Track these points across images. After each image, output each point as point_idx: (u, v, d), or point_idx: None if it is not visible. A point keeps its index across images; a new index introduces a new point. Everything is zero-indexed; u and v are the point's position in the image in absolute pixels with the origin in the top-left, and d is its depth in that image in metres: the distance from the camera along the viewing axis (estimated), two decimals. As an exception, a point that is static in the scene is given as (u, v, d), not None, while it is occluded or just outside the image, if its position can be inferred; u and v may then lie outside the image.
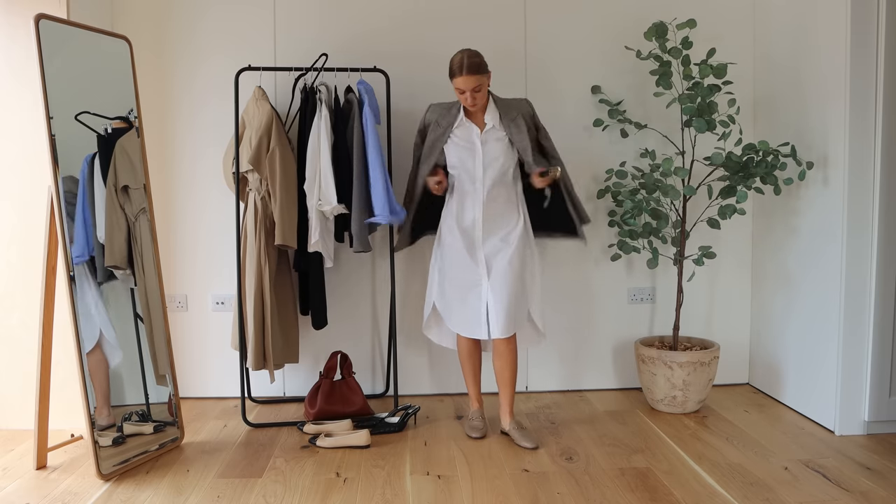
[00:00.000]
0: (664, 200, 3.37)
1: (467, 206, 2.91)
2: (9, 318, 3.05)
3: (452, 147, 2.91)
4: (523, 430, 2.92)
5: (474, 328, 2.88)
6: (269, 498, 2.41)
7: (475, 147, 2.88)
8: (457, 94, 2.84)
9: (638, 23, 3.45)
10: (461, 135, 2.90)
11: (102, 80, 2.76)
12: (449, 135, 2.91)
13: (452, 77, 2.80)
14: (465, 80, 2.76)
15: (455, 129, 2.91)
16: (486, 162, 2.86)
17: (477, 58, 2.78)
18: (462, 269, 2.89)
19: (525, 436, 2.88)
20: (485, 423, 3.00)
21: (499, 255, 2.86)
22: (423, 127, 3.00)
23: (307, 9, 3.40)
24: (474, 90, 2.78)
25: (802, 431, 2.98)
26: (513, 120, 2.90)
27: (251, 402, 3.42)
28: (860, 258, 2.87)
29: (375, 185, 2.95)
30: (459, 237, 2.90)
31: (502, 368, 2.95)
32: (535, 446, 2.83)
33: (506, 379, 2.96)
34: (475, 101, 2.81)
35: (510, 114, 2.91)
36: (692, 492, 2.42)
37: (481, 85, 2.78)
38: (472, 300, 2.87)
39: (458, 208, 2.92)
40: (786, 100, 3.30)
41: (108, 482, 2.54)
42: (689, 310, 3.59)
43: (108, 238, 2.67)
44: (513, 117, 2.90)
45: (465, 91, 2.78)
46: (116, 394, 2.67)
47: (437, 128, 2.92)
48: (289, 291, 3.19)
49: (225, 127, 3.37)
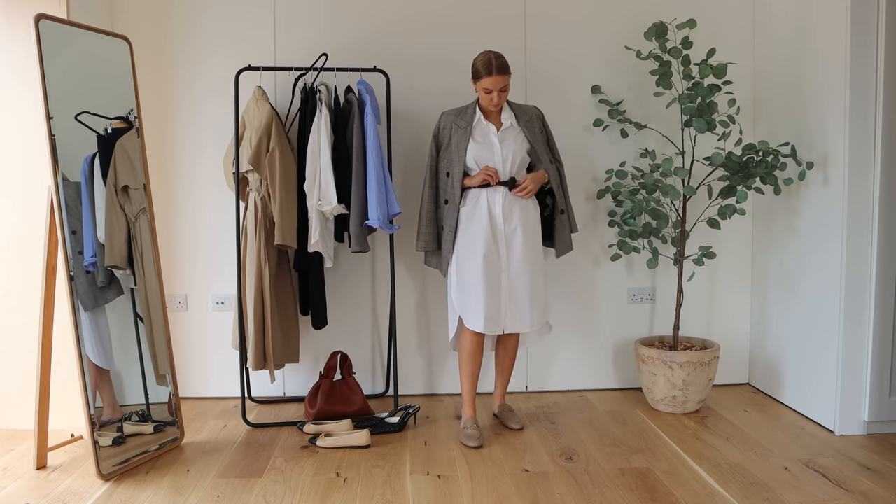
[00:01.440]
0: (664, 200, 3.37)
1: (486, 203, 2.90)
2: (9, 318, 3.05)
3: (472, 145, 2.92)
4: (511, 413, 3.12)
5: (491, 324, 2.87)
6: (269, 498, 2.41)
7: (493, 145, 2.91)
8: (481, 95, 2.87)
9: (638, 23, 3.45)
10: (479, 133, 2.94)
11: (102, 80, 2.76)
12: (471, 133, 2.93)
13: (479, 77, 2.84)
14: (494, 81, 2.81)
15: (473, 127, 2.94)
16: (504, 157, 2.90)
17: (503, 58, 2.84)
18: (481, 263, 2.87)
19: (512, 418, 3.09)
20: (480, 431, 2.94)
21: (518, 251, 2.89)
22: (437, 132, 3.01)
23: (307, 9, 3.40)
24: (501, 90, 2.84)
25: (802, 431, 2.98)
26: (528, 120, 2.97)
27: (251, 402, 3.42)
28: (860, 258, 2.87)
29: (371, 192, 2.95)
30: (478, 234, 2.89)
31: (505, 355, 3.14)
32: (521, 427, 3.06)
33: (506, 365, 3.16)
34: (500, 100, 2.86)
35: (525, 115, 2.98)
36: (692, 492, 2.42)
37: (507, 84, 2.85)
38: (492, 293, 2.87)
39: (475, 206, 2.91)
40: (786, 100, 3.30)
41: (108, 482, 2.54)
42: (689, 310, 3.59)
43: (108, 238, 2.67)
44: (528, 118, 2.98)
45: (493, 91, 2.83)
46: (117, 394, 2.67)
47: (458, 129, 2.95)
48: (289, 291, 3.19)
49: (225, 127, 3.37)
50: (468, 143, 2.91)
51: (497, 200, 2.90)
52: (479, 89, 2.87)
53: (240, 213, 3.12)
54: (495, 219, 2.89)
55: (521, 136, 2.94)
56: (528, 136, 2.94)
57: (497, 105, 2.87)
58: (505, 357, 3.13)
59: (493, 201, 2.90)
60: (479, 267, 2.86)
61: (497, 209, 2.90)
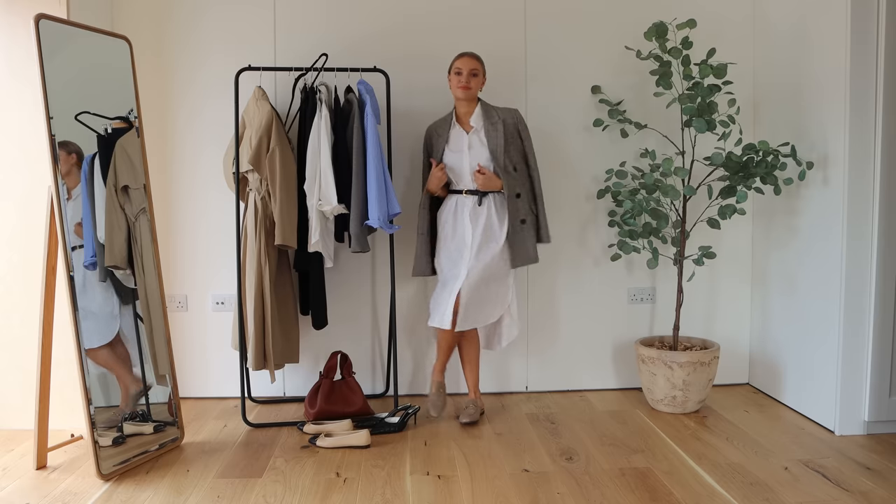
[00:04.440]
0: (664, 200, 3.37)
1: (459, 206, 3.08)
2: (9, 318, 3.05)
3: (447, 153, 3.08)
4: (468, 409, 3.12)
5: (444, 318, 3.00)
6: (269, 498, 2.41)
7: (462, 151, 3.05)
8: (452, 80, 3.03)
9: (638, 23, 3.45)
10: (453, 140, 3.09)
11: (102, 80, 2.76)
12: (447, 138, 3.09)
13: (453, 63, 3.04)
14: (463, 61, 3.02)
15: (449, 134, 3.09)
16: (472, 164, 3.03)
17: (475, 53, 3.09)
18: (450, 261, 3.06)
19: (464, 412, 3.12)
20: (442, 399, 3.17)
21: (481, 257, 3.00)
22: (424, 145, 3.20)
23: (307, 9, 3.40)
24: (471, 72, 3.00)
25: (802, 431, 2.98)
26: (493, 124, 3.06)
27: (251, 402, 3.42)
28: (860, 258, 2.87)
29: (371, 192, 2.96)
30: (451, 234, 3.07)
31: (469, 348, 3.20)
32: (470, 420, 3.08)
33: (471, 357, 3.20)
34: (469, 84, 3.00)
35: (492, 118, 3.07)
36: (692, 492, 2.42)
37: (477, 70, 3.02)
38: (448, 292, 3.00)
39: (451, 209, 3.09)
40: (786, 100, 3.30)
41: (108, 482, 2.54)
42: (689, 310, 3.59)
43: (108, 238, 2.67)
44: (493, 121, 3.06)
45: (463, 71, 3.00)
46: (117, 393, 2.67)
47: (438, 138, 3.12)
48: (289, 291, 3.19)
49: (225, 127, 3.37)
50: (443, 152, 3.08)
51: (466, 206, 3.05)
52: (452, 77, 3.03)
53: (240, 213, 3.12)
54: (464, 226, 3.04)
55: (489, 140, 3.05)
56: (488, 140, 3.03)
57: (466, 88, 2.99)
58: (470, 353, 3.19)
59: (463, 208, 3.06)
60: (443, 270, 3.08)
61: (465, 216, 3.04)
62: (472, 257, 2.99)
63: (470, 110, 3.08)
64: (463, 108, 3.09)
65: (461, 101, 3.06)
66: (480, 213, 3.04)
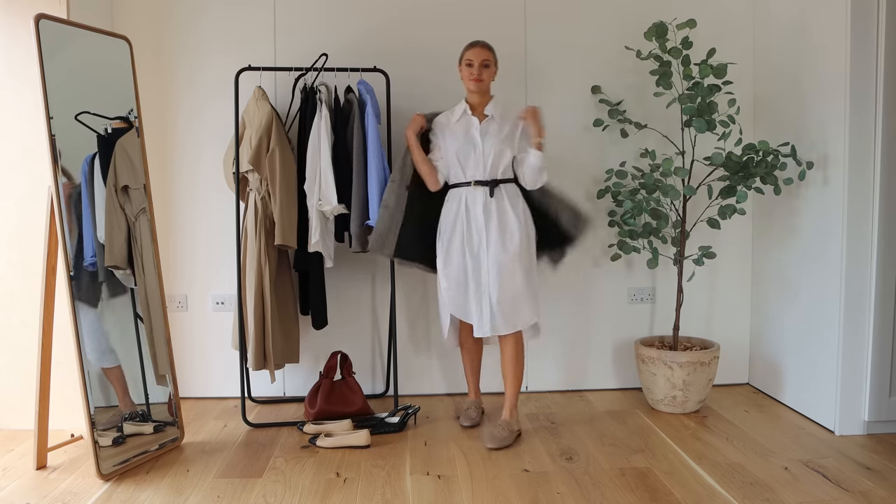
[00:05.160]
0: (664, 200, 3.37)
1: (469, 201, 2.89)
2: (9, 318, 3.05)
3: (452, 140, 2.92)
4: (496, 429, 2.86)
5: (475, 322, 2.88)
6: (269, 498, 2.41)
7: (475, 139, 2.90)
8: (464, 71, 2.92)
9: (638, 23, 3.45)
10: (461, 128, 2.93)
11: (102, 80, 2.76)
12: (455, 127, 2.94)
13: (463, 54, 2.92)
14: (475, 52, 2.88)
15: (458, 122, 2.95)
16: (486, 153, 2.88)
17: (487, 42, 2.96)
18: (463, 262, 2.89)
19: (491, 435, 2.83)
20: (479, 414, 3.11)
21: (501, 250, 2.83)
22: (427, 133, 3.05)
23: (307, 9, 3.40)
24: (483, 63, 2.87)
25: (802, 431, 2.98)
26: (512, 118, 2.95)
27: (251, 402, 3.42)
28: (860, 258, 2.87)
29: (371, 192, 2.95)
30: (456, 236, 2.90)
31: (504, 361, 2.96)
32: (495, 447, 2.79)
33: (507, 372, 2.95)
34: (481, 76, 2.88)
35: (510, 112, 2.97)
36: (692, 492, 2.42)
37: (489, 61, 2.89)
38: (473, 294, 2.87)
39: (460, 204, 2.91)
40: (786, 100, 3.30)
41: (108, 482, 2.54)
42: (689, 310, 3.59)
43: (108, 238, 2.67)
44: (511, 116, 2.96)
45: (474, 63, 2.87)
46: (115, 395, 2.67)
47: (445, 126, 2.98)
48: (289, 291, 3.19)
49: (225, 127, 3.37)
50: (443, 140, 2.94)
51: (477, 200, 2.87)
52: (462, 69, 2.92)
53: (240, 213, 3.12)
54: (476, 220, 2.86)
55: (506, 129, 2.90)
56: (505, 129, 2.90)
57: (478, 80, 2.87)
58: (505, 363, 2.96)
59: (473, 202, 2.88)
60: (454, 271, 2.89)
61: (477, 210, 2.86)
62: (493, 255, 2.81)
63: (484, 101, 2.96)
64: (475, 100, 2.95)
65: (473, 93, 2.93)
66: (493, 204, 2.85)
